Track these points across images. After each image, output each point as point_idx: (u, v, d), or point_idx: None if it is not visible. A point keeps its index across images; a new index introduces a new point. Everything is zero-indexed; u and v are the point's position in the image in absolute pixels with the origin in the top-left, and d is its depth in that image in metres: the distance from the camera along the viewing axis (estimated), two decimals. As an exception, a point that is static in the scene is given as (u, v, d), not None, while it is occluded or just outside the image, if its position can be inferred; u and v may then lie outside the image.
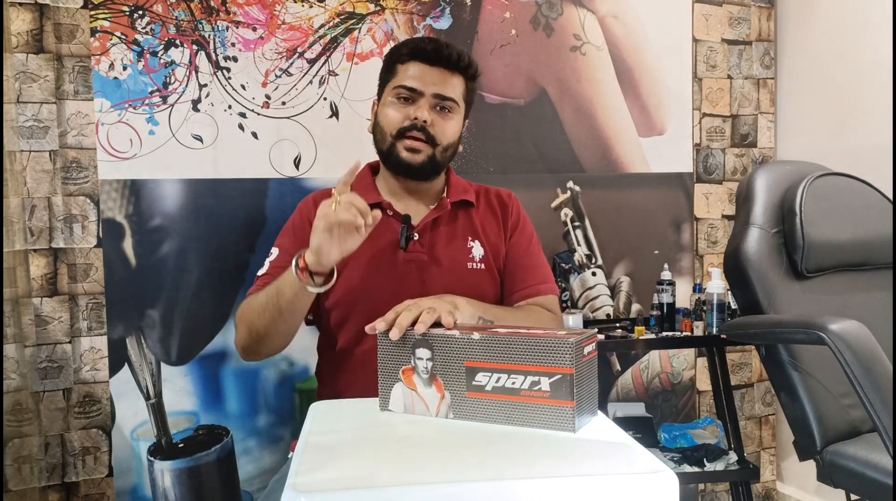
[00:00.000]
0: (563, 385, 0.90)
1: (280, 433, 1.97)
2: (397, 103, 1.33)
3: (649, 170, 2.25)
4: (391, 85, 1.35)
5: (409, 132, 1.32)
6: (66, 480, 1.83)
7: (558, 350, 0.90)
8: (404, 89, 1.32)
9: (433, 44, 1.33)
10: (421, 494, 0.73)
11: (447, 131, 1.34)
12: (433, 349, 0.98)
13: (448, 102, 1.33)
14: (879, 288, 1.69)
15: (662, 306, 2.05)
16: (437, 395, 0.98)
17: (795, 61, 2.32)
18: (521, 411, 0.93)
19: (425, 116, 1.31)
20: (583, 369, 0.92)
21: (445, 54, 1.32)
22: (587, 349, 0.94)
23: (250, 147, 1.93)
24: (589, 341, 0.94)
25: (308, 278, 1.15)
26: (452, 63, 1.32)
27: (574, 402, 0.90)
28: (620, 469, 0.79)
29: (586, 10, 2.17)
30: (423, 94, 1.31)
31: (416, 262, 1.34)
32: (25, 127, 1.76)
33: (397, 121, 1.32)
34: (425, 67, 1.32)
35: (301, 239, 1.34)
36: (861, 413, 1.47)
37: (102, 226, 1.84)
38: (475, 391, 0.96)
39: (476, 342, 0.96)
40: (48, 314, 1.80)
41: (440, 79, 1.32)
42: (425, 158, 1.33)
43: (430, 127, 1.31)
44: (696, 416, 2.30)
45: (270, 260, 1.35)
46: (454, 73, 1.33)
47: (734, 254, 1.61)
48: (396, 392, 1.00)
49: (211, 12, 1.89)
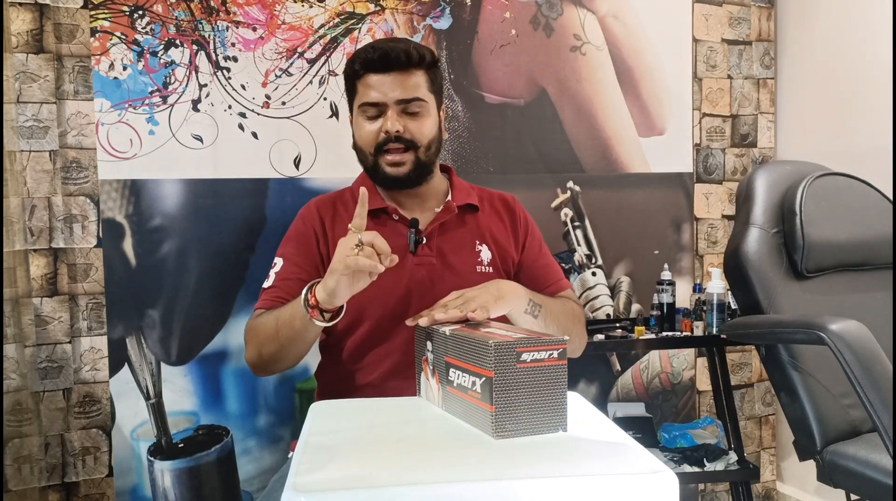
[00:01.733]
0: (486, 389, 0.87)
1: (280, 434, 1.97)
2: (366, 121, 1.32)
3: (649, 170, 2.25)
4: (356, 104, 1.34)
5: (387, 146, 1.31)
6: (66, 480, 1.83)
7: (482, 352, 0.88)
8: (368, 106, 1.31)
9: (379, 51, 1.30)
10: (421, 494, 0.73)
11: (423, 130, 1.33)
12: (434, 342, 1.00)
13: (414, 103, 1.31)
14: (879, 288, 1.69)
15: (662, 306, 2.05)
16: (436, 386, 1.01)
17: (795, 61, 2.32)
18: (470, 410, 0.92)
19: (396, 126, 1.30)
20: (518, 375, 0.86)
21: (394, 57, 1.29)
22: (529, 356, 0.87)
23: (250, 147, 1.93)
24: (540, 347, 0.87)
25: (318, 316, 1.13)
26: (403, 64, 1.30)
27: (493, 407, 0.86)
28: (620, 469, 0.78)
29: (586, 10, 2.17)
30: (386, 104, 1.30)
31: (426, 266, 1.33)
32: (25, 127, 1.76)
33: (372, 138, 1.32)
34: (379, 76, 1.29)
35: (306, 249, 1.34)
36: (861, 413, 1.47)
37: (102, 226, 1.84)
38: (451, 386, 0.97)
39: (447, 339, 0.98)
40: (48, 313, 1.80)
41: (398, 83, 1.30)
42: (410, 167, 1.33)
43: (404, 134, 1.31)
44: (696, 416, 2.30)
45: (275, 271, 1.33)
46: (410, 71, 1.31)
47: (734, 254, 1.61)
48: (423, 381, 1.06)
49: (211, 12, 1.89)
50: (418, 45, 1.33)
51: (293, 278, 1.31)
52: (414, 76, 1.31)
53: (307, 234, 1.35)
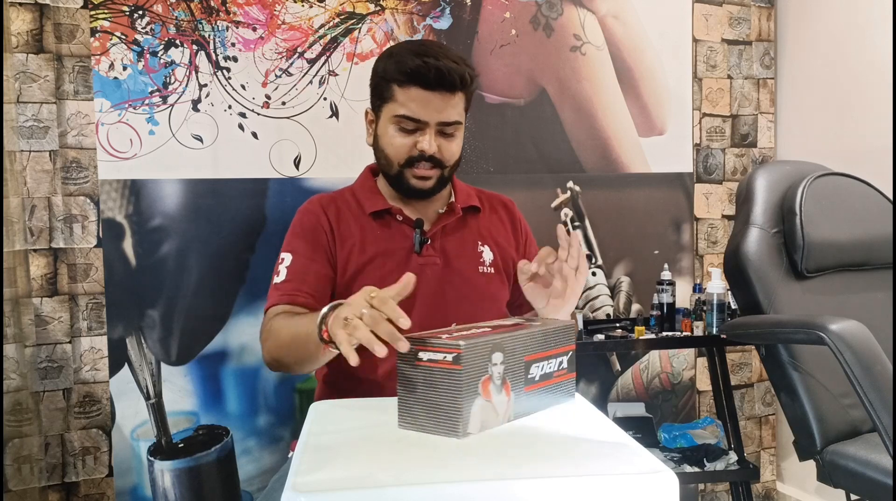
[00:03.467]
0: None
1: (280, 434, 1.97)
2: (401, 132, 1.28)
3: (649, 170, 2.25)
4: (390, 110, 1.28)
5: (418, 163, 1.29)
6: (66, 480, 1.83)
7: None
8: (407, 119, 1.27)
9: (434, 69, 1.23)
10: (421, 494, 0.73)
11: (453, 151, 1.32)
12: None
13: (452, 125, 1.29)
14: (879, 288, 1.69)
15: (662, 306, 2.05)
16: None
17: (795, 61, 2.32)
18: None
19: (433, 149, 1.27)
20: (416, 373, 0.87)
21: (448, 80, 1.24)
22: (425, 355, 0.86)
23: (250, 147, 1.92)
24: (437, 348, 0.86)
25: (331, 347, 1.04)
26: (454, 87, 1.26)
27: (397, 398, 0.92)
28: (620, 469, 0.78)
29: (586, 10, 2.17)
30: (427, 123, 1.27)
31: (430, 266, 1.33)
32: (25, 127, 1.76)
33: (404, 151, 1.29)
34: (427, 93, 1.24)
35: (316, 243, 1.32)
36: (861, 413, 1.47)
37: (102, 226, 1.84)
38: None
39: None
40: (48, 313, 1.80)
41: (442, 104, 1.26)
42: (435, 182, 1.32)
43: (437, 154, 1.29)
44: (696, 416, 2.30)
45: (285, 266, 1.30)
46: (455, 93, 1.27)
47: (734, 254, 1.61)
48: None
49: (211, 12, 1.89)
50: (467, 63, 1.28)
51: (310, 272, 1.29)
52: (457, 97, 1.28)
53: (316, 228, 1.33)
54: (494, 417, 0.91)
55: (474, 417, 0.88)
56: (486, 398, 0.89)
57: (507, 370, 0.92)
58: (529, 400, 0.96)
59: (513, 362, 0.93)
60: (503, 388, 0.92)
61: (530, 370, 0.95)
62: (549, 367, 0.98)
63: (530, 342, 0.96)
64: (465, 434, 0.87)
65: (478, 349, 0.88)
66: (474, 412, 0.88)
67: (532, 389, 0.96)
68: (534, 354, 0.96)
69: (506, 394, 0.92)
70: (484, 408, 0.89)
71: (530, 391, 0.96)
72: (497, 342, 0.90)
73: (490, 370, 0.90)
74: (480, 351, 0.88)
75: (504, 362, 0.92)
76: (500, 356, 0.91)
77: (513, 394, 0.93)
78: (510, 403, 0.93)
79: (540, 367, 0.97)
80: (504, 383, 0.92)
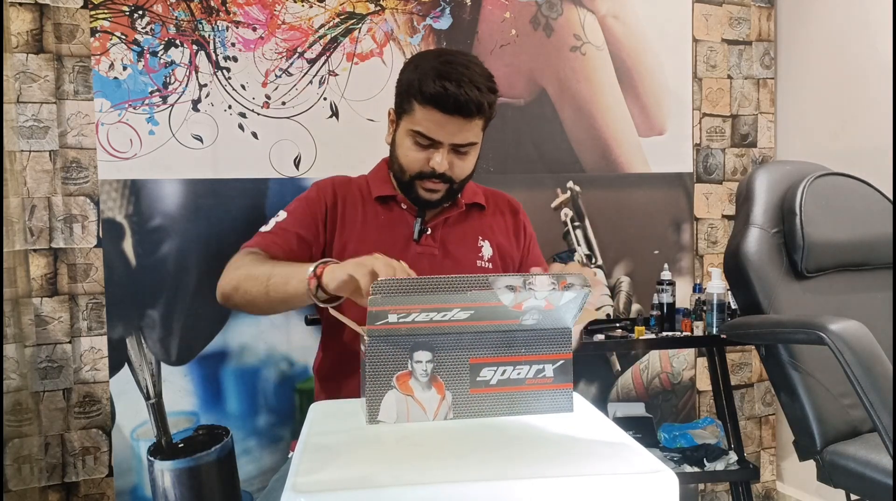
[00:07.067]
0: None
1: (280, 434, 1.97)
2: (415, 146, 1.29)
3: (649, 170, 2.25)
4: (409, 122, 1.29)
5: (429, 178, 1.30)
6: (66, 480, 1.83)
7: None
8: (422, 136, 1.28)
9: (452, 97, 1.23)
10: (421, 494, 0.73)
11: (465, 168, 1.33)
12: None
13: (467, 146, 1.30)
14: (879, 288, 1.69)
15: (662, 306, 2.05)
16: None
17: (795, 61, 2.32)
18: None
19: (444, 167, 1.28)
20: None
21: (465, 108, 1.24)
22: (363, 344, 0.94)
23: (250, 147, 1.93)
24: None
25: (314, 287, 1.11)
26: (471, 114, 1.26)
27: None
28: (620, 469, 0.78)
29: (586, 10, 2.17)
30: (441, 143, 1.28)
31: (427, 256, 1.34)
32: (25, 127, 1.76)
33: (417, 165, 1.30)
34: (443, 116, 1.25)
35: (312, 213, 1.35)
36: (861, 413, 1.47)
37: (102, 226, 1.84)
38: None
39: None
40: (48, 313, 1.80)
41: (458, 128, 1.26)
42: (442, 195, 1.33)
43: (448, 171, 1.30)
44: (696, 416, 2.30)
45: (276, 221, 1.35)
46: (473, 119, 1.27)
47: (734, 254, 1.61)
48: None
49: (211, 12, 1.89)
50: (490, 85, 1.28)
51: (291, 232, 1.32)
52: (474, 121, 1.28)
53: (318, 201, 1.36)
54: (421, 412, 0.94)
55: (388, 408, 0.93)
56: (404, 392, 0.93)
57: (440, 368, 0.94)
58: (484, 403, 0.95)
59: (450, 361, 0.94)
60: (432, 386, 0.94)
61: (480, 372, 0.95)
62: (516, 373, 0.95)
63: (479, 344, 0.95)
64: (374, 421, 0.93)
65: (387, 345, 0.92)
66: (388, 404, 0.93)
67: (484, 392, 0.95)
68: (485, 357, 0.95)
69: (437, 392, 0.95)
70: (402, 401, 0.93)
71: (481, 393, 0.95)
72: (423, 341, 0.93)
73: (410, 365, 0.93)
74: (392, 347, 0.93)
75: (434, 360, 0.94)
76: (425, 354, 0.94)
77: (450, 394, 0.95)
78: (446, 402, 0.95)
79: (499, 371, 0.95)
80: (434, 381, 0.94)
